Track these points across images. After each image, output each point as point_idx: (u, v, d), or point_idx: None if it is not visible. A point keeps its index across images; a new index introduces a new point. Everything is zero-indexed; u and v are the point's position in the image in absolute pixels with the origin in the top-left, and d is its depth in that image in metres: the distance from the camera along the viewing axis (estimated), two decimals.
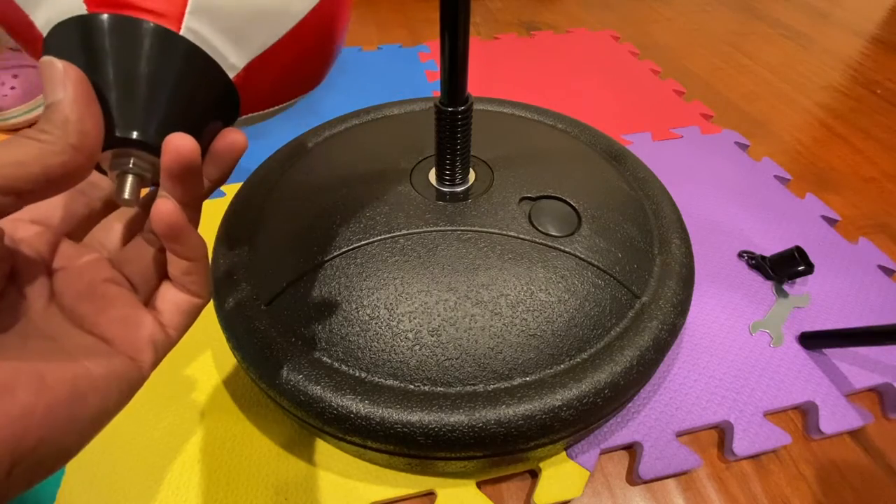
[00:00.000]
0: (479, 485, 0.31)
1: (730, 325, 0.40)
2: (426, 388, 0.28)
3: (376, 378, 0.28)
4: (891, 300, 0.42)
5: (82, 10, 0.16)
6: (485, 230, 0.33)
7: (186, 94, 0.18)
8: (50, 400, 0.14)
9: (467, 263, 0.31)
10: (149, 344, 0.18)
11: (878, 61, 0.79)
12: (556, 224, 0.34)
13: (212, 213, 0.39)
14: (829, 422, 0.34)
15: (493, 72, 0.74)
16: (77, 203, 0.19)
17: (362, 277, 0.31)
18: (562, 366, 0.29)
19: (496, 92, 0.69)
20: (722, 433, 0.35)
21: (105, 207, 0.20)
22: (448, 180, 0.36)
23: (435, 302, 0.30)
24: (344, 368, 0.28)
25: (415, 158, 0.39)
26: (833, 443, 0.34)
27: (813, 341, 0.38)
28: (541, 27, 0.88)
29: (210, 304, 0.32)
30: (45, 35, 0.17)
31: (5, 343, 0.15)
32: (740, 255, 0.45)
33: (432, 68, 0.74)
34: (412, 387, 0.28)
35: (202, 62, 0.18)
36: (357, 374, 0.28)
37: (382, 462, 0.31)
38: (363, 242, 0.32)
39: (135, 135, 0.16)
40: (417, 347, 0.29)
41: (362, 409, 0.27)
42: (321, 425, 0.28)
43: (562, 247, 0.32)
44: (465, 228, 0.33)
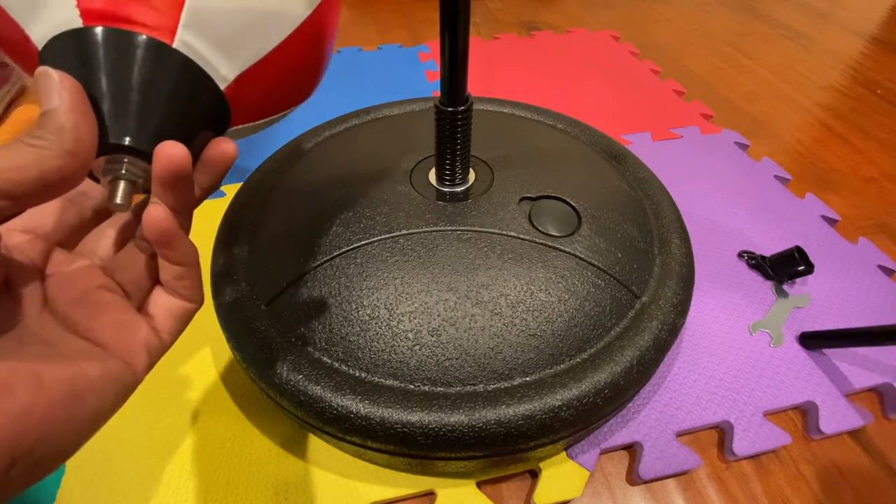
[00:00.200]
0: (479, 485, 0.31)
1: (730, 325, 0.40)
2: (426, 388, 0.28)
3: (376, 378, 0.28)
4: (891, 300, 0.42)
5: (78, 24, 0.17)
6: (485, 230, 0.33)
7: (178, 104, 0.18)
8: (48, 399, 0.14)
9: (467, 263, 0.31)
10: (143, 348, 0.18)
11: (878, 61, 0.79)
12: (556, 224, 0.34)
13: (212, 213, 0.39)
14: (829, 422, 0.34)
15: (493, 72, 0.74)
16: (68, 212, 0.19)
17: (362, 277, 0.31)
18: (562, 366, 0.29)
19: (496, 92, 0.69)
20: (722, 433, 0.35)
21: (96, 216, 0.20)
22: (448, 180, 0.36)
23: (435, 302, 0.30)
24: (344, 368, 0.28)
25: (415, 158, 0.39)
26: (833, 443, 0.34)
27: (813, 341, 0.38)
28: (541, 27, 0.88)
29: (209, 304, 0.32)
30: (41, 49, 0.17)
31: (2, 346, 0.15)
32: (740, 255, 0.45)
33: (432, 68, 0.74)
34: (412, 387, 0.28)
35: (194, 74, 0.18)
36: (357, 374, 0.28)
37: (382, 462, 0.31)
38: (363, 242, 0.32)
39: (127, 141, 0.17)
40: (417, 347, 0.29)
41: (362, 409, 0.27)
42: (321, 425, 0.28)
43: (562, 247, 0.32)
44: (465, 228, 0.33)
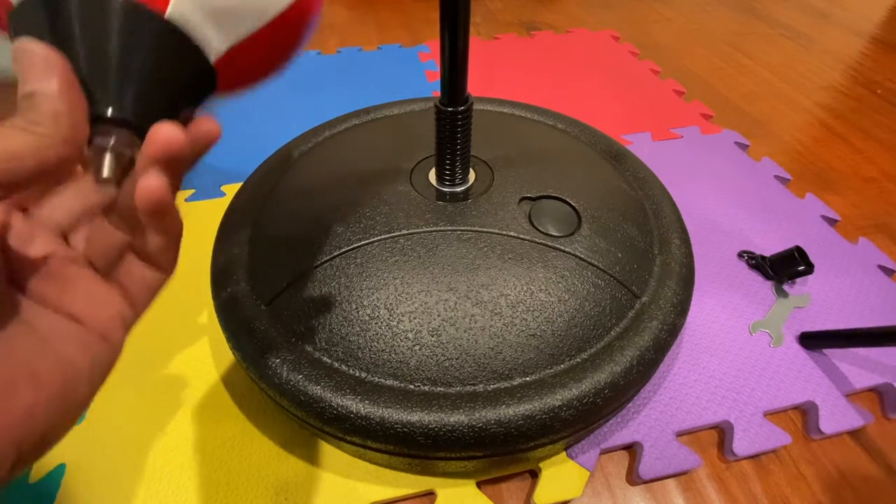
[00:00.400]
0: (479, 485, 0.31)
1: (730, 325, 0.40)
2: (426, 388, 0.28)
3: (376, 378, 0.28)
4: (891, 300, 0.42)
5: None
6: (485, 230, 0.33)
7: (168, 75, 0.18)
8: (47, 394, 0.14)
9: (467, 263, 0.31)
10: (119, 322, 0.17)
11: (878, 61, 0.79)
12: (556, 224, 0.34)
13: (212, 213, 0.39)
14: (829, 422, 0.34)
15: (493, 72, 0.74)
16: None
17: (362, 277, 0.31)
18: (562, 366, 0.29)
19: (496, 92, 0.69)
20: (722, 433, 0.35)
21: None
22: (448, 180, 0.36)
23: (435, 302, 0.30)
24: (344, 368, 0.28)
25: (415, 158, 0.39)
26: (833, 443, 0.34)
27: (813, 341, 0.38)
28: (541, 27, 0.88)
29: (210, 305, 0.32)
30: (17, 3, 0.16)
31: None
32: (740, 255, 0.45)
33: (432, 68, 0.74)
34: (412, 387, 0.28)
35: (186, 45, 0.18)
36: (357, 374, 0.28)
37: (382, 462, 0.31)
38: (363, 242, 0.32)
39: (116, 112, 0.16)
40: (417, 347, 0.29)
41: (362, 409, 0.27)
42: (321, 425, 0.28)
43: (562, 247, 0.32)
44: (465, 228, 0.33)
